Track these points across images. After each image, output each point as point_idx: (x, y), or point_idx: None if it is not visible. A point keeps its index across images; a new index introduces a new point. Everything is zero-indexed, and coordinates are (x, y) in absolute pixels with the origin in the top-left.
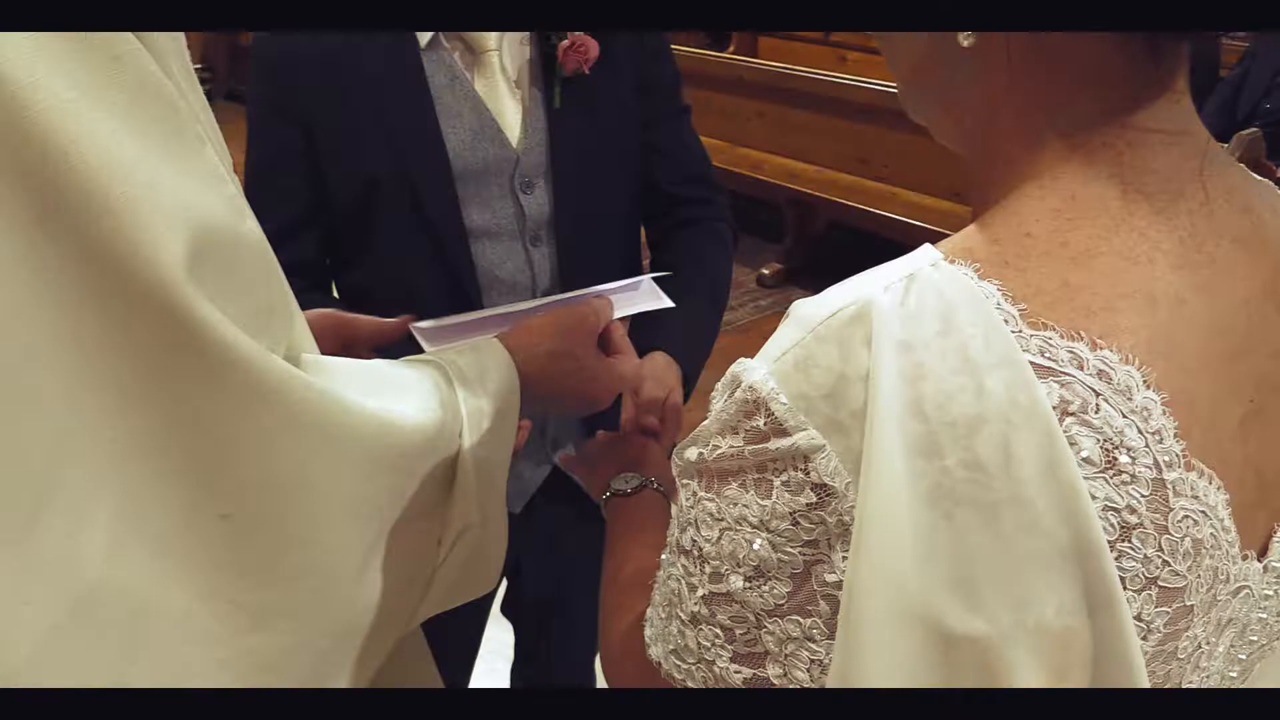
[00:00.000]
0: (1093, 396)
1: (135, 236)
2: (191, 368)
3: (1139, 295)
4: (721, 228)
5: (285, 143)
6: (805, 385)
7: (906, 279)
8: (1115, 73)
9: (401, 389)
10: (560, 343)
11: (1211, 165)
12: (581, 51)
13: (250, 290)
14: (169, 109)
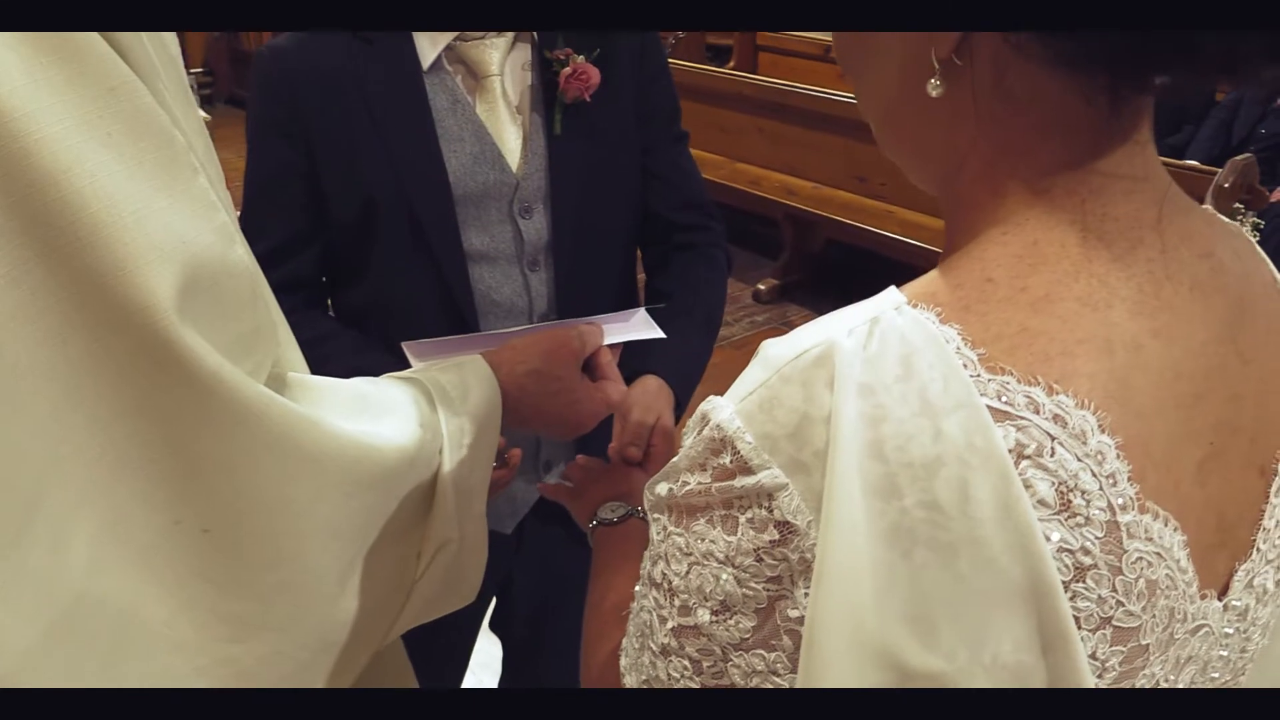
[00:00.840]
0: (1048, 440)
1: (122, 265)
2: (175, 392)
3: (1096, 341)
4: (717, 254)
5: (285, 161)
6: (770, 425)
7: (870, 322)
8: (1079, 122)
9: (382, 409)
10: (543, 363)
11: (1172, 212)
12: (583, 79)
13: (236, 315)
14: (163, 139)
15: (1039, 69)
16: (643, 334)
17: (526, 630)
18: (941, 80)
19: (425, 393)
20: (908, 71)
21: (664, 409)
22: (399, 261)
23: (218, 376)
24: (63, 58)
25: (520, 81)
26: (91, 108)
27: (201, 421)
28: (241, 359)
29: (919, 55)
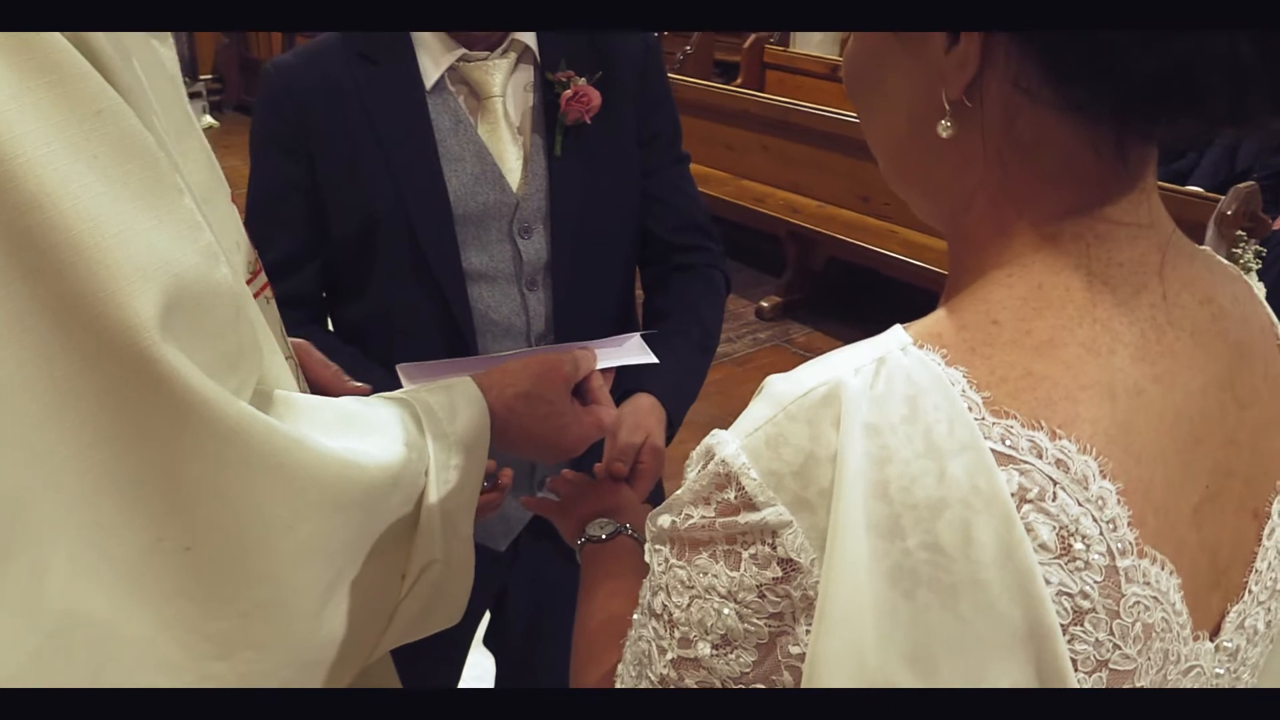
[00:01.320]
0: (1050, 485)
1: (107, 285)
2: (158, 411)
3: (1099, 387)
4: (715, 275)
5: (288, 176)
6: (775, 462)
7: (877, 362)
8: (1086, 168)
9: (368, 428)
10: (533, 386)
11: (1175, 258)
12: (584, 101)
13: (220, 335)
14: (148, 161)
15: (1048, 115)
16: (636, 359)
17: (520, 645)
18: (952, 122)
19: (413, 413)
20: (918, 111)
21: (654, 427)
22: (398, 279)
23: (200, 395)
24: (50, 82)
25: (522, 102)
26: (77, 131)
27: (183, 439)
28: (225, 377)
29: (930, 96)
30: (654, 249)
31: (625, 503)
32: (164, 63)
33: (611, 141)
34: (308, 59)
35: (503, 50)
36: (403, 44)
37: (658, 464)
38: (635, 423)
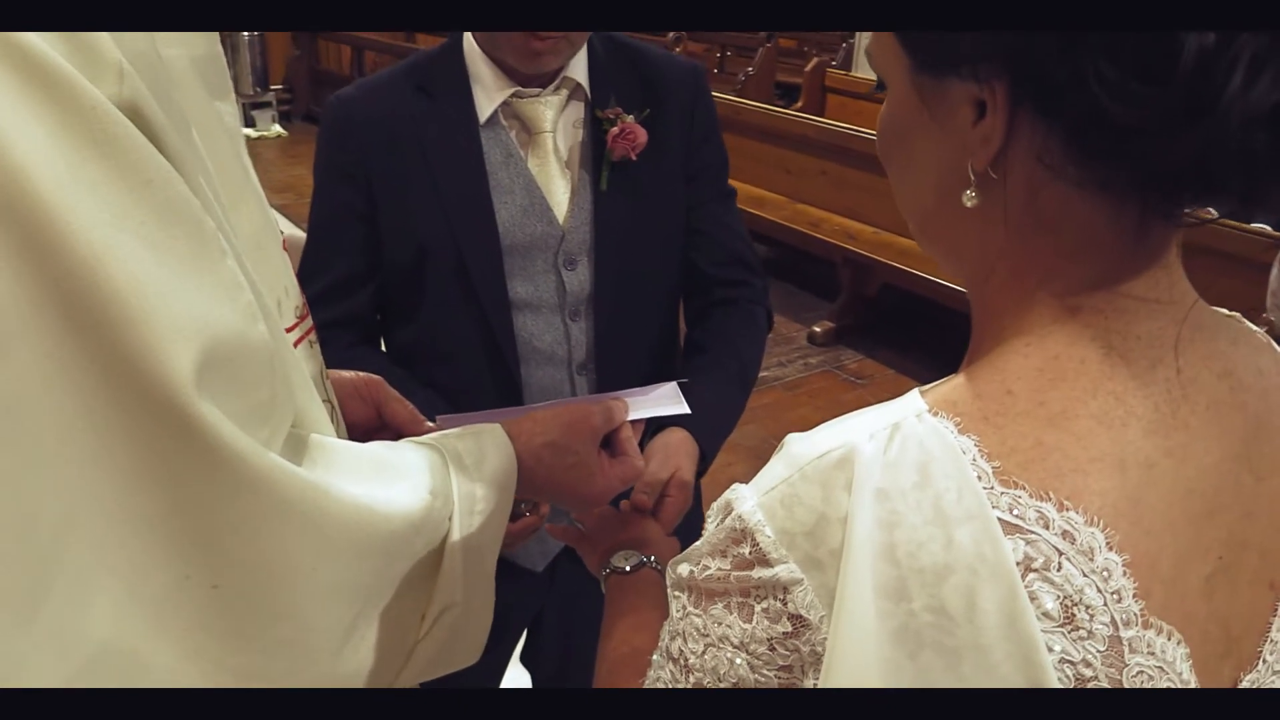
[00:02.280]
0: (1056, 555)
1: (148, 344)
2: (192, 460)
3: (1109, 459)
4: (757, 311)
5: (348, 204)
6: (789, 521)
7: (891, 428)
8: (1107, 244)
9: (394, 474)
10: (561, 436)
11: (1193, 332)
12: (630, 139)
13: (254, 388)
14: (193, 228)
15: (1071, 191)
16: (669, 410)
17: (555, 666)
18: (977, 192)
19: (440, 459)
20: (945, 180)
21: (683, 461)
22: (447, 305)
23: (231, 447)
24: (103, 153)
25: (572, 138)
26: (127, 199)
27: (215, 487)
28: (257, 428)
29: (957, 166)
30: (697, 282)
31: (650, 535)
32: (223, 117)
33: (656, 178)
34: (369, 92)
35: (555, 87)
36: (460, 79)
37: (684, 498)
38: (664, 457)
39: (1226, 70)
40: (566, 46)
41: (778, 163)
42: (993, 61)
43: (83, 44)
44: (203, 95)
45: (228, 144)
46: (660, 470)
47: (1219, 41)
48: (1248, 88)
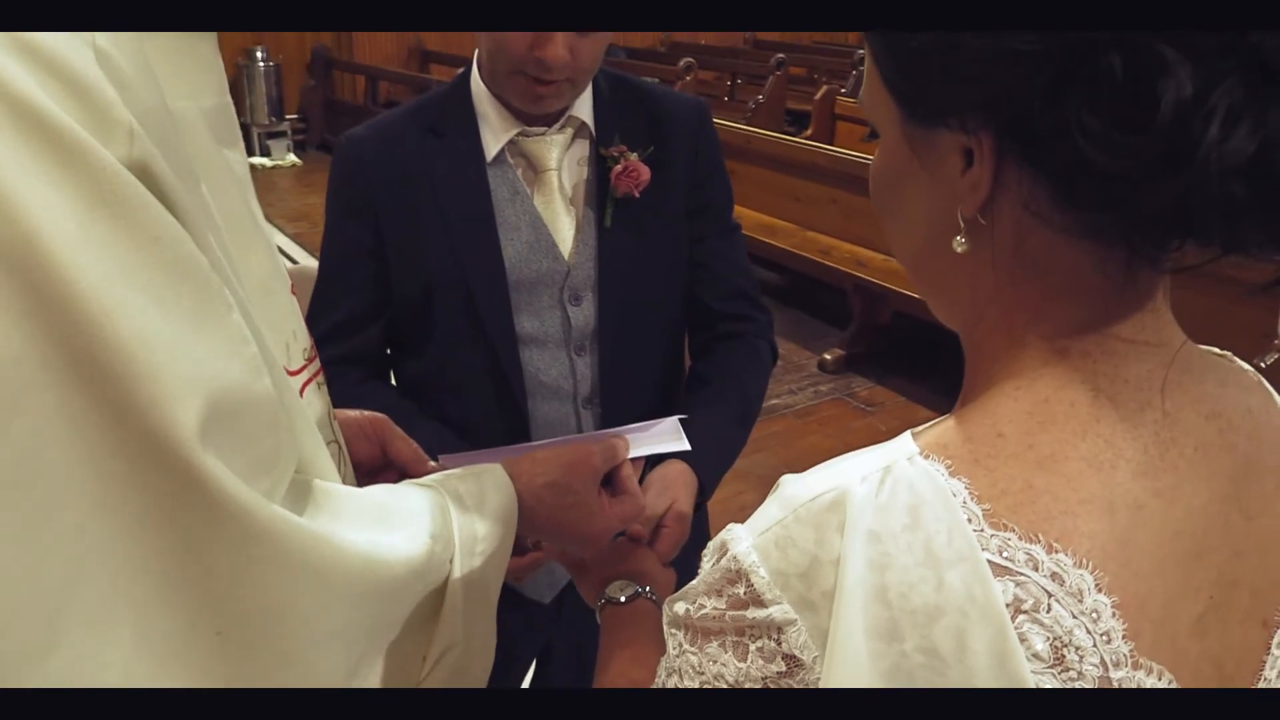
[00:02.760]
0: (1045, 597)
1: (154, 398)
2: (195, 512)
3: (1098, 502)
4: (761, 345)
5: (357, 240)
6: (783, 563)
7: (883, 470)
8: (1095, 288)
9: (395, 520)
10: (562, 476)
11: (1182, 374)
12: (633, 176)
13: (257, 440)
14: (199, 284)
15: (1058, 237)
16: (670, 447)
17: None
18: (966, 238)
19: (440, 502)
20: (936, 226)
21: (681, 493)
22: (455, 340)
23: (234, 499)
24: (113, 212)
25: (577, 175)
26: (136, 257)
27: (219, 539)
28: (259, 479)
29: (947, 212)
30: (701, 317)
31: (647, 566)
32: (231, 166)
33: (660, 214)
34: (378, 132)
35: (559, 125)
36: (467, 118)
37: (682, 530)
38: (661, 489)
39: (1204, 121)
40: (569, 89)
41: (788, 190)
42: (979, 112)
43: (94, 105)
44: (211, 145)
45: (236, 192)
46: (657, 502)
47: (1196, 93)
48: (1225, 138)
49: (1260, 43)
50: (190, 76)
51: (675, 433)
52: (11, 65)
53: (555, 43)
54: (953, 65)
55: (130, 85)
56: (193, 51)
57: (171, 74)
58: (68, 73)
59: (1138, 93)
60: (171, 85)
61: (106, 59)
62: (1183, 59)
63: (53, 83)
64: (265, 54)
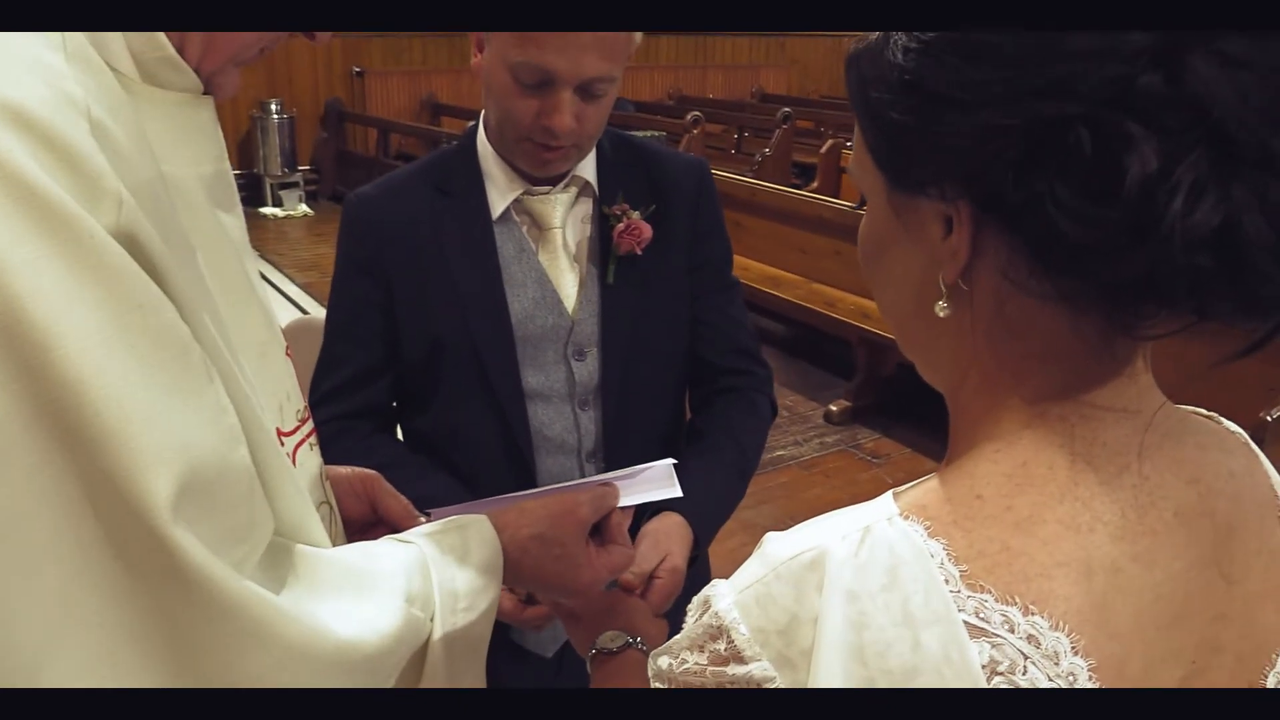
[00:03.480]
0: (1021, 659)
1: (128, 468)
2: (167, 582)
3: (1075, 564)
4: (759, 399)
5: (366, 296)
6: (763, 620)
7: (863, 531)
8: (1072, 353)
9: (371, 586)
10: (548, 528)
11: (1162, 439)
12: (635, 234)
13: (231, 510)
14: (179, 353)
15: (1036, 303)
16: (661, 494)
17: None
18: (948, 303)
19: (420, 560)
20: (920, 291)
21: (674, 546)
22: (462, 395)
23: (204, 572)
24: (98, 279)
25: (580, 233)
26: (118, 324)
27: (188, 609)
28: (231, 549)
29: (929, 277)
30: (701, 371)
31: (637, 618)
32: (228, 230)
33: (661, 271)
34: (387, 190)
35: (564, 185)
36: (474, 178)
37: (674, 582)
38: (654, 542)
39: (1168, 194)
40: (575, 154)
41: (793, 243)
42: (957, 182)
43: (84, 175)
44: (208, 209)
45: (232, 255)
46: (650, 555)
47: (1161, 167)
48: (1189, 211)
49: (1224, 118)
50: (191, 144)
51: (667, 478)
52: (6, 136)
53: (562, 111)
54: (932, 137)
55: (124, 155)
56: (194, 120)
57: (172, 141)
58: (60, 143)
59: (1105, 167)
60: (173, 152)
61: (101, 129)
62: (1149, 134)
63: (45, 153)
64: (280, 106)
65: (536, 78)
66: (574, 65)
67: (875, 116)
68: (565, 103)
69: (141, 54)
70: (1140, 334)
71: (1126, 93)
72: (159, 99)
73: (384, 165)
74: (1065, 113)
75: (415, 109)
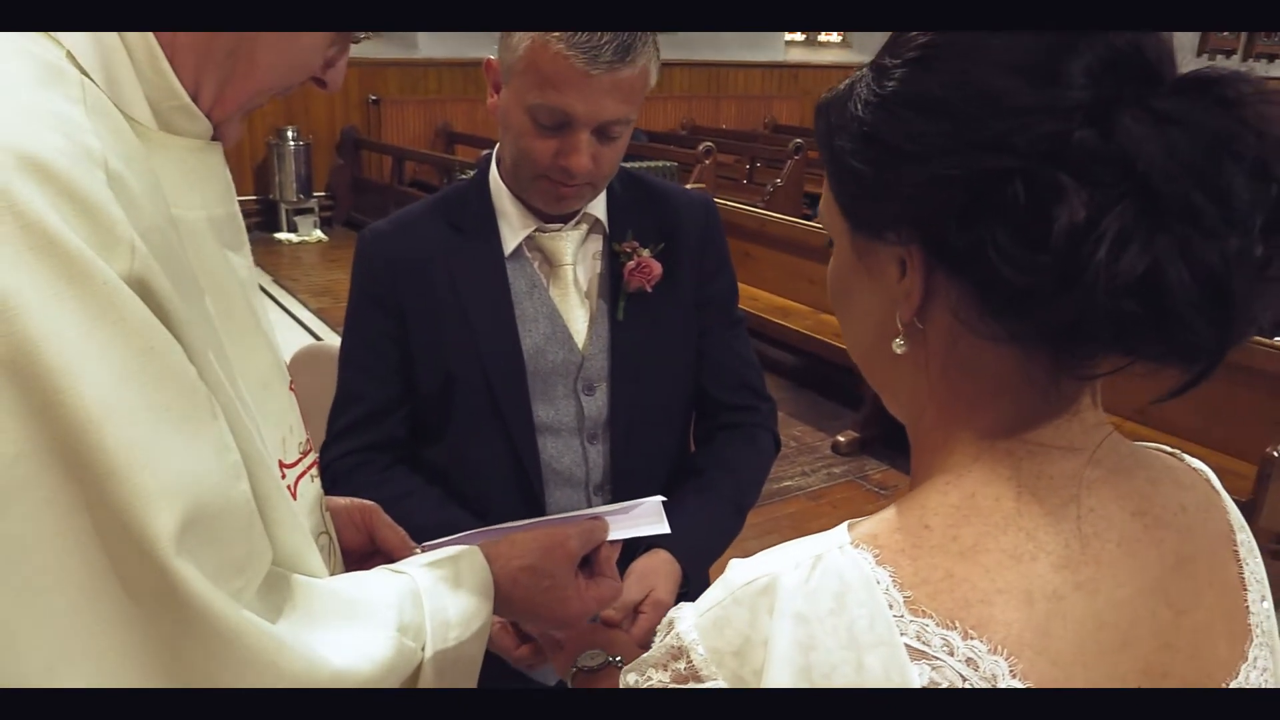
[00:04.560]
0: (960, 680)
1: (134, 503)
2: (168, 611)
3: (1016, 591)
4: (761, 434)
5: (381, 329)
6: (719, 641)
7: (815, 559)
8: (1019, 390)
9: (364, 616)
10: (538, 559)
11: (1108, 473)
12: (645, 272)
13: (231, 543)
14: (186, 393)
15: (985, 343)
16: (650, 529)
17: None
18: (905, 340)
19: (413, 591)
20: (880, 329)
21: (661, 583)
22: (473, 428)
23: (204, 601)
24: (110, 322)
25: (591, 269)
26: (129, 366)
27: (191, 637)
28: (231, 579)
29: (888, 316)
30: (705, 406)
31: (617, 639)
32: (236, 269)
33: (669, 307)
34: (401, 227)
35: (575, 222)
36: (487, 215)
37: (658, 616)
38: (640, 577)
39: (1095, 243)
40: (590, 191)
41: (802, 273)
42: (909, 228)
43: (100, 224)
44: (217, 250)
45: (239, 294)
46: (634, 590)
47: (1089, 217)
48: (1114, 260)
49: (1148, 172)
50: (203, 188)
51: (656, 514)
52: (28, 188)
53: (580, 152)
54: (887, 186)
55: (137, 203)
56: (205, 164)
57: (185, 185)
58: (79, 194)
59: (1038, 217)
60: (185, 195)
61: (117, 180)
62: (1079, 187)
63: (64, 203)
64: (296, 133)
65: (555, 119)
66: (592, 108)
67: (838, 164)
68: (583, 144)
69: (158, 102)
70: (1081, 374)
71: (1062, 147)
72: (173, 144)
73: (398, 192)
74: (1003, 165)
75: (430, 137)
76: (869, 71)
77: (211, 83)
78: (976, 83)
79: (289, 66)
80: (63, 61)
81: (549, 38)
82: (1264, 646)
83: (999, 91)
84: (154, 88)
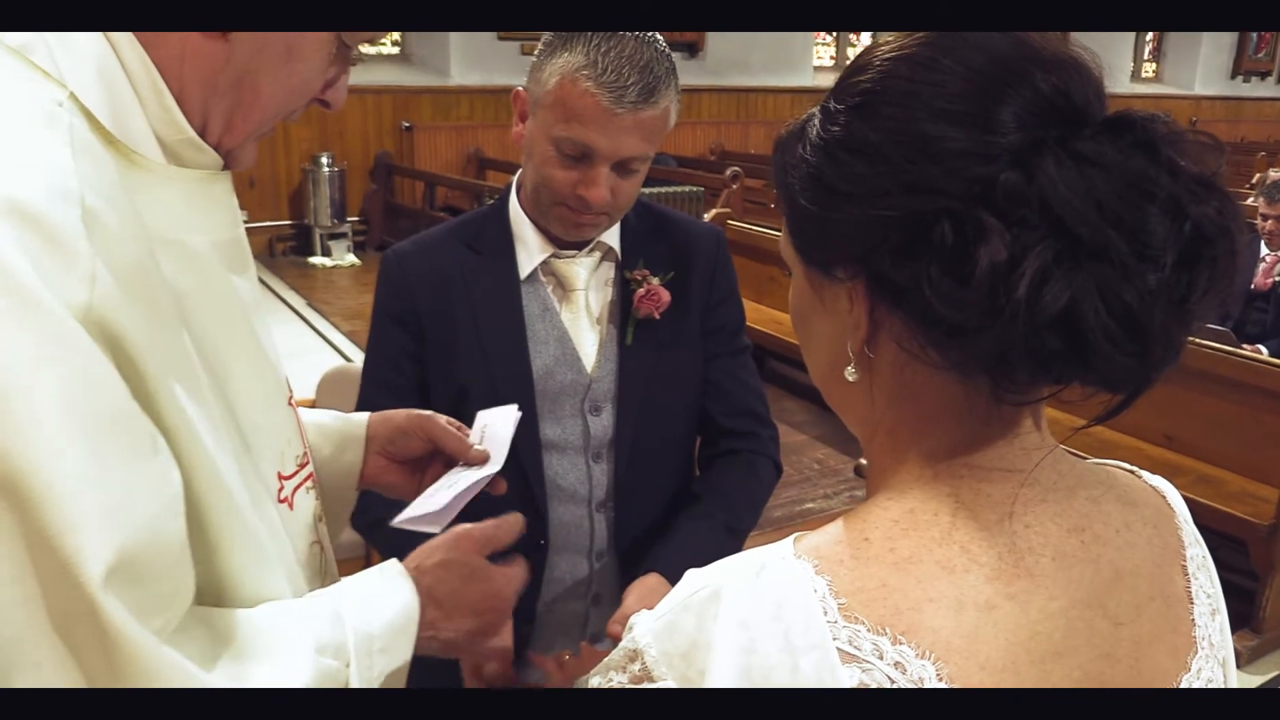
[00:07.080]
0: (888, 682)
1: (68, 535)
2: (94, 639)
3: (947, 600)
4: (760, 460)
5: (401, 346)
6: (670, 644)
7: (760, 567)
8: (961, 414)
9: (280, 642)
10: (449, 553)
11: (1047, 492)
12: (654, 299)
13: (160, 579)
14: (128, 427)
15: (928, 370)
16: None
17: None
18: (856, 367)
19: (332, 610)
20: (833, 356)
21: (655, 602)
22: None
23: (127, 636)
24: (54, 356)
25: (602, 295)
26: (68, 397)
27: (110, 671)
28: (154, 616)
29: (840, 345)
30: (708, 431)
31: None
32: (239, 292)
33: (677, 334)
34: (422, 248)
35: (589, 250)
36: (504, 239)
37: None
38: (640, 595)
39: (1015, 281)
40: (606, 221)
41: None
42: (853, 264)
43: (63, 255)
44: (221, 273)
45: (240, 314)
46: (634, 606)
47: (1011, 256)
48: (1034, 296)
49: (1063, 214)
50: (208, 215)
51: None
52: (0, 227)
53: (599, 185)
54: (831, 224)
55: (113, 238)
56: (210, 194)
57: (190, 214)
58: (47, 228)
59: (964, 255)
60: (189, 222)
61: (91, 215)
62: (1003, 227)
63: (31, 237)
64: (330, 159)
65: (577, 151)
66: (614, 144)
67: (790, 201)
68: (602, 177)
69: (166, 137)
70: (1017, 400)
71: (989, 190)
72: (180, 176)
73: (430, 217)
74: (934, 207)
75: (461, 163)
76: (819, 113)
77: (219, 114)
78: (911, 130)
79: (291, 91)
80: (55, 106)
81: (578, 75)
82: (1210, 659)
83: (931, 138)
84: (161, 124)
